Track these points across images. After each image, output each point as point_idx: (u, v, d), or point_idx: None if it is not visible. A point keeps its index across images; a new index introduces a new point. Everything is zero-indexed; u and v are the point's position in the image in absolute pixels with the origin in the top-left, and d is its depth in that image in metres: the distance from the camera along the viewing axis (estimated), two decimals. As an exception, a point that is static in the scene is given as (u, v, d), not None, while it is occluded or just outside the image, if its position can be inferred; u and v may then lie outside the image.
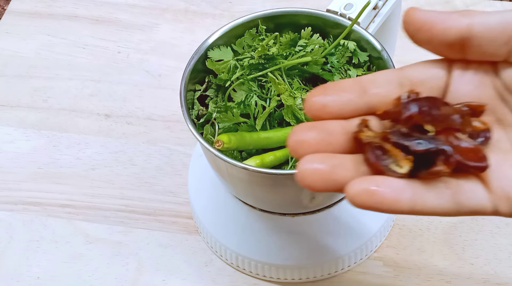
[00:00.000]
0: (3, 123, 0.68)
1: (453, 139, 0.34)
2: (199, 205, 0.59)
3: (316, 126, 0.35)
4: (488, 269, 0.57)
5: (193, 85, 0.53)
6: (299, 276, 0.56)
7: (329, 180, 0.33)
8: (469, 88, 0.37)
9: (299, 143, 0.34)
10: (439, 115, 0.34)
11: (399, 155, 0.33)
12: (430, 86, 0.37)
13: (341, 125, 0.35)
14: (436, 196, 0.33)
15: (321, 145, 0.34)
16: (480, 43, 0.36)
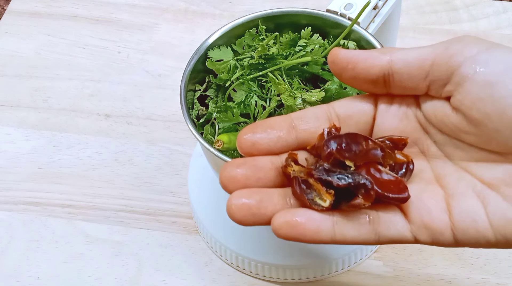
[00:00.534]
0: (3, 123, 0.68)
1: (374, 172, 0.36)
2: (199, 205, 0.59)
3: (246, 162, 0.37)
4: (488, 269, 0.57)
5: (193, 85, 0.53)
6: (299, 276, 0.56)
7: (257, 214, 0.35)
8: (394, 121, 0.39)
9: (228, 179, 0.36)
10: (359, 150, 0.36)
11: (321, 190, 0.35)
12: (357, 120, 0.39)
13: (270, 161, 0.37)
14: (356, 228, 0.35)
15: (250, 180, 0.36)
16: (401, 78, 0.37)
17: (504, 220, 0.35)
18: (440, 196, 0.37)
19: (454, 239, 0.36)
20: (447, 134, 0.38)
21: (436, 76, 0.37)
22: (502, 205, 0.35)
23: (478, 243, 0.36)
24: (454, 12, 0.75)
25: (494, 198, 0.35)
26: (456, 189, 0.37)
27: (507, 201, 0.35)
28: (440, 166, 0.38)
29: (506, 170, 0.36)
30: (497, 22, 0.73)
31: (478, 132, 0.36)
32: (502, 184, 0.36)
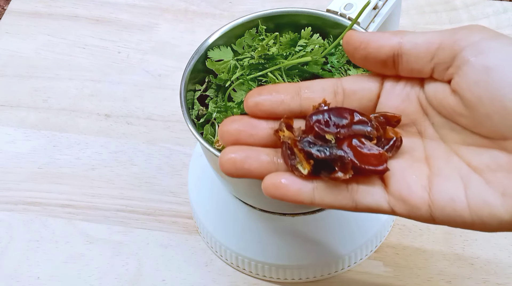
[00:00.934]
0: (3, 123, 0.68)
1: (356, 145, 0.38)
2: (199, 205, 0.59)
3: (242, 119, 0.40)
4: (488, 269, 0.57)
5: (193, 85, 0.53)
6: (299, 276, 0.56)
7: (240, 168, 0.39)
8: (396, 101, 0.41)
9: (223, 132, 0.40)
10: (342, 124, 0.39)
11: (302, 159, 0.38)
12: (361, 96, 0.41)
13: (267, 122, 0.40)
14: (334, 193, 0.38)
15: (242, 135, 0.40)
16: (408, 59, 0.39)
17: (482, 202, 0.36)
18: (424, 173, 0.38)
19: (431, 215, 0.37)
20: (444, 116, 0.39)
21: (440, 59, 0.38)
22: (483, 188, 0.37)
23: (454, 222, 0.37)
24: (454, 12, 0.75)
25: (477, 181, 0.37)
26: (441, 169, 0.38)
27: (488, 185, 0.37)
28: (433, 147, 0.39)
29: (492, 156, 0.37)
30: (497, 22, 0.73)
31: (471, 115, 0.37)
32: (487, 169, 0.37)
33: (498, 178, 0.37)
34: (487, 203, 0.36)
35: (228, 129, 0.40)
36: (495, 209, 0.36)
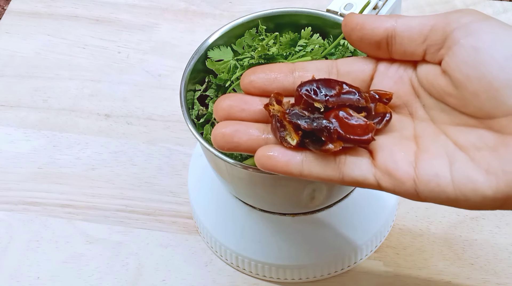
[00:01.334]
0: (3, 123, 0.68)
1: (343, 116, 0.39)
2: (199, 205, 0.59)
3: (235, 96, 0.43)
4: (488, 269, 0.57)
5: (193, 85, 0.53)
6: (299, 276, 0.56)
7: (230, 142, 0.41)
8: (389, 83, 0.42)
9: (216, 108, 0.42)
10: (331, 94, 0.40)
11: (291, 130, 0.40)
12: (354, 77, 0.43)
13: (259, 99, 0.42)
14: (322, 165, 0.40)
15: (233, 110, 0.42)
16: (401, 41, 0.41)
17: (465, 179, 0.37)
18: (411, 150, 0.39)
19: (415, 190, 0.38)
20: (435, 97, 0.40)
21: (432, 40, 0.40)
22: (468, 165, 0.38)
23: (438, 197, 0.38)
24: (454, 12, 0.74)
25: (462, 159, 0.38)
26: (428, 147, 0.39)
27: (473, 163, 0.38)
28: (423, 127, 0.41)
29: (478, 135, 0.38)
30: (497, 22, 0.73)
31: (460, 94, 0.39)
32: (473, 148, 0.38)
33: (483, 156, 0.38)
34: (471, 180, 0.37)
35: (221, 104, 0.42)
36: (479, 185, 0.37)
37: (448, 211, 0.60)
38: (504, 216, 0.60)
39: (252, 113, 0.42)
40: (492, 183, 0.37)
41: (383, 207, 0.58)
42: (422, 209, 0.60)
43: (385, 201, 0.58)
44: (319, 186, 0.50)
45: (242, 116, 0.42)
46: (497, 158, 0.37)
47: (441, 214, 0.60)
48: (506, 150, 0.37)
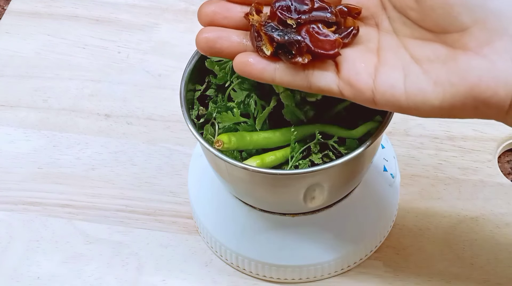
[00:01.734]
0: (3, 123, 0.68)
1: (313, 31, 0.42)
2: (199, 205, 0.59)
3: (218, 2, 0.44)
4: (488, 269, 0.57)
5: (193, 85, 0.53)
6: (299, 276, 0.56)
7: (212, 47, 0.44)
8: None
9: (201, 13, 0.44)
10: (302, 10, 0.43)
11: (267, 41, 0.43)
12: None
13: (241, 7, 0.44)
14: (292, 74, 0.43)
15: (217, 16, 0.44)
16: None
17: (416, 90, 0.41)
18: (372, 63, 0.42)
19: (373, 99, 0.42)
20: (398, 10, 0.43)
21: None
22: (420, 77, 0.41)
23: (392, 106, 0.42)
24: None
25: (416, 71, 0.41)
26: (388, 60, 0.42)
27: (425, 75, 0.41)
28: (386, 40, 0.43)
29: (433, 49, 0.41)
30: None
31: (419, 8, 0.41)
32: (426, 60, 0.41)
33: (434, 68, 0.41)
34: (421, 90, 0.41)
35: (205, 10, 0.44)
36: (427, 96, 0.40)
37: (448, 211, 0.60)
38: (504, 216, 0.60)
39: (233, 21, 0.44)
40: (439, 94, 0.40)
41: (383, 207, 0.58)
42: (422, 209, 0.60)
43: (385, 201, 0.58)
44: (319, 186, 0.50)
45: (224, 23, 0.44)
46: (446, 70, 0.40)
47: (441, 214, 0.60)
48: (455, 63, 0.40)
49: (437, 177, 0.62)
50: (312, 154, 0.50)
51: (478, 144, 0.64)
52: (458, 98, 0.40)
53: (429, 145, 0.64)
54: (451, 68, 0.40)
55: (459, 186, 0.62)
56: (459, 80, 0.40)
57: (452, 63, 0.40)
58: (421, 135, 0.65)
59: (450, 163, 0.63)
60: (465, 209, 0.60)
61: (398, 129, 0.65)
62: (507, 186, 0.62)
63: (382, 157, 0.59)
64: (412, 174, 0.63)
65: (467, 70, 0.39)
